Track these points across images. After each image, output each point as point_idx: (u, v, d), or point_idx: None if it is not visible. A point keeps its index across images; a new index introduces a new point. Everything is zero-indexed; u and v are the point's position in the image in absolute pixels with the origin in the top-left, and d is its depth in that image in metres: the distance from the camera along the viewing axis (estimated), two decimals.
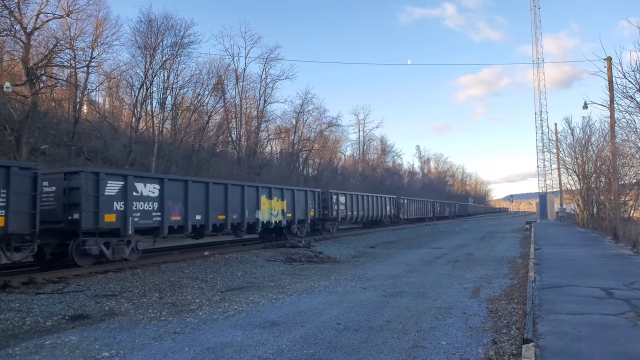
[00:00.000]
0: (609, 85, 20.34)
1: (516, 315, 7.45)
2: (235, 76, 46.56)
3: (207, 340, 6.34)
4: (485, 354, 5.59)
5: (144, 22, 35.11)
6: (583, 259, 14.13)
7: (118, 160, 31.49)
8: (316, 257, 16.51)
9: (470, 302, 8.68)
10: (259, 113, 49.20)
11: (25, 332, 6.98)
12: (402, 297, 9.19)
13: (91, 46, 30.54)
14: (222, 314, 7.96)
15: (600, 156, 31.24)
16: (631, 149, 24.40)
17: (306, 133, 56.52)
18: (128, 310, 8.38)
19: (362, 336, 6.43)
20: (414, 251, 19.42)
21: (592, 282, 9.73)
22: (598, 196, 31.72)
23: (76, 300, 9.08)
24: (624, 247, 17.81)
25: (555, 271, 11.49)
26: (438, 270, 13.18)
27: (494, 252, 18.63)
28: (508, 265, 14.24)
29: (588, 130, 33.93)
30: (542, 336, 5.76)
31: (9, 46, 27.48)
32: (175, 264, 14.00)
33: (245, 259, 15.69)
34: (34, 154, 26.01)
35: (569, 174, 39.43)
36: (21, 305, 8.40)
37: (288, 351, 5.79)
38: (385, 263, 15.26)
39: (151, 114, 36.12)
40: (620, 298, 8.03)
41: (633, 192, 28.18)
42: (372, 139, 79.83)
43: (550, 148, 50.56)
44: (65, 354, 5.84)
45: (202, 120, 41.08)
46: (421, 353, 5.68)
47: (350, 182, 66.05)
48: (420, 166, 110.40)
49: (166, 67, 35.96)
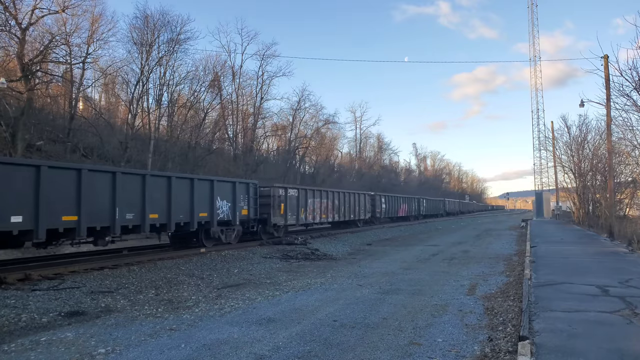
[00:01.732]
0: (606, 83, 20.38)
1: (512, 312, 7.47)
2: (232, 73, 46.45)
3: (203, 337, 6.33)
4: (481, 351, 5.60)
5: (140, 18, 34.96)
6: (579, 256, 14.18)
7: (114, 157, 31.38)
8: (312, 254, 16.54)
9: (466, 300, 8.70)
10: (256, 110, 49.11)
11: (21, 328, 6.96)
12: (398, 294, 9.21)
13: (87, 42, 30.44)
14: (218, 310, 7.95)
15: (597, 154, 31.35)
16: (627, 147, 24.45)
17: (303, 130, 56.50)
18: (124, 307, 8.36)
19: (359, 333, 6.43)
20: (410, 248, 19.46)
21: (588, 279, 9.76)
22: (594, 194, 31.85)
23: (72, 296, 9.05)
24: (619, 244, 17.89)
25: (551, 269, 11.52)
26: (434, 268, 13.21)
27: (490, 249, 18.68)
28: (504, 262, 14.28)
29: (584, 128, 34.08)
30: (537, 333, 5.77)
31: (4, 42, 27.22)
32: (171, 260, 13.97)
33: (242, 255, 15.68)
34: (29, 150, 25.89)
35: (565, 172, 39.57)
36: (17, 302, 8.37)
37: (284, 348, 5.79)
38: (381, 260, 15.28)
39: (147, 110, 36.00)
40: (616, 295, 8.06)
41: (629, 190, 28.27)
42: (368, 137, 79.91)
43: (546, 146, 50.72)
44: (61, 350, 5.82)
45: (199, 117, 40.97)
46: (417, 350, 5.69)
47: (346, 179, 66.08)
48: (417, 164, 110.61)
49: (162, 64, 35.83)
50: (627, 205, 29.29)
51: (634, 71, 16.95)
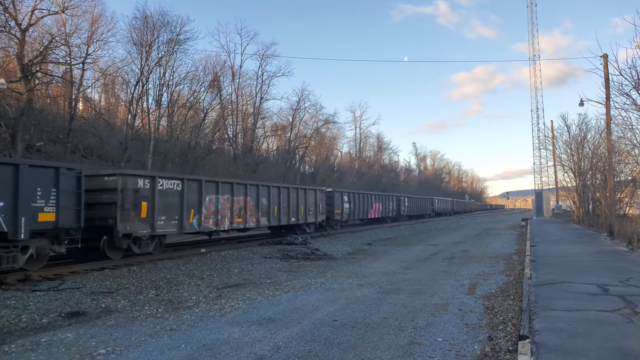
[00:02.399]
0: (605, 83, 20.37)
1: (512, 311, 7.47)
2: (232, 73, 46.53)
3: (203, 337, 6.33)
4: (481, 351, 5.60)
5: (140, 19, 35.05)
6: (579, 255, 14.19)
7: (114, 157, 31.38)
8: (312, 254, 16.54)
9: (467, 299, 8.70)
10: (255, 110, 49.16)
11: (22, 329, 6.96)
12: (398, 294, 9.21)
13: (86, 42, 30.50)
14: (218, 311, 7.95)
15: (596, 153, 31.36)
16: (627, 146, 24.47)
17: (302, 130, 56.57)
18: (124, 308, 8.36)
19: (359, 333, 6.44)
20: (410, 248, 19.47)
21: (588, 278, 9.76)
22: (594, 193, 31.87)
23: (72, 297, 9.05)
24: (619, 243, 17.89)
25: (551, 268, 11.53)
26: (434, 267, 13.21)
27: (489, 249, 18.69)
28: (504, 262, 14.29)
29: (584, 128, 34.11)
30: (538, 332, 5.77)
31: (4, 42, 27.25)
32: (171, 260, 13.97)
33: (242, 256, 15.68)
34: (29, 150, 25.89)
35: (564, 171, 39.60)
36: (17, 303, 8.36)
37: (285, 348, 5.79)
38: (381, 260, 15.29)
39: (147, 110, 36.03)
40: (616, 294, 8.06)
41: (628, 189, 28.29)
42: (368, 136, 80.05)
43: (546, 145, 50.75)
44: (62, 351, 5.82)
45: (198, 117, 41.02)
46: (417, 349, 5.69)
47: (346, 179, 66.11)
48: (417, 163, 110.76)
49: (162, 64, 35.91)
50: (627, 204, 29.30)
51: (634, 70, 16.97)
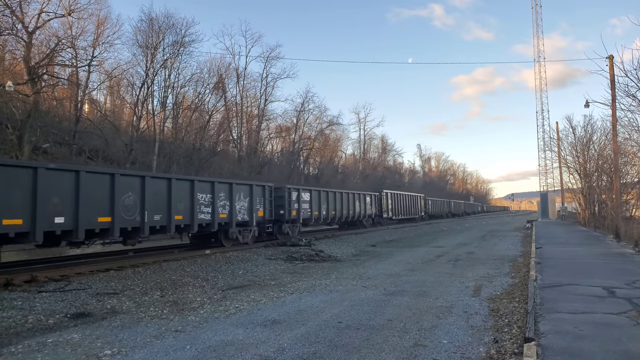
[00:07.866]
0: (611, 84, 20.29)
1: (517, 314, 7.44)
2: (236, 75, 46.66)
3: (208, 338, 6.34)
4: (486, 353, 5.58)
5: (145, 21, 35.20)
6: (584, 257, 14.11)
7: (119, 159, 31.52)
8: (317, 256, 16.53)
9: (472, 301, 8.67)
10: (260, 112, 49.25)
11: (28, 330, 7.00)
12: (403, 296, 9.19)
13: (92, 45, 30.63)
14: (223, 312, 7.97)
15: (602, 155, 31.17)
16: (633, 147, 24.37)
17: (307, 132, 56.63)
18: (130, 309, 8.39)
19: (363, 335, 6.43)
20: (415, 250, 19.42)
21: (594, 281, 9.71)
22: (600, 195, 31.66)
23: (78, 298, 9.10)
24: (625, 245, 17.78)
25: (557, 270, 11.47)
26: (439, 269, 13.17)
27: (495, 250, 18.62)
28: (509, 264, 14.23)
29: (589, 129, 33.88)
30: (543, 335, 5.75)
31: (11, 45, 27.54)
32: (176, 262, 14.02)
33: (247, 257, 15.70)
34: (35, 152, 26.06)
35: (570, 173, 39.39)
36: (23, 303, 8.42)
37: (289, 349, 5.79)
38: (386, 262, 15.26)
39: (152, 112, 36.16)
40: (622, 297, 8.01)
41: (635, 191, 28.13)
42: (372, 138, 79.98)
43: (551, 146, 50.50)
44: (68, 352, 5.85)
45: (203, 119, 41.12)
46: (422, 352, 5.68)
47: (350, 180, 66.05)
48: (421, 165, 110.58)
49: (167, 66, 36.03)
50: (633, 206, 29.11)
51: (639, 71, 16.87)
